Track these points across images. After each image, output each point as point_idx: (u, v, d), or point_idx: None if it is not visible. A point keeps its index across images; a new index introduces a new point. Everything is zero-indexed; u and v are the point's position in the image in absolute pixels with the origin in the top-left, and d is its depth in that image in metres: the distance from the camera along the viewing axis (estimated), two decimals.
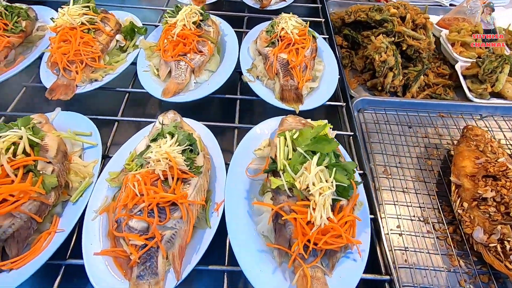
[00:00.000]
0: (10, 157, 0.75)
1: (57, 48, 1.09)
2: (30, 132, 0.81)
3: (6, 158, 0.74)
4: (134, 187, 0.74)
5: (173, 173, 0.75)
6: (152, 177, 0.76)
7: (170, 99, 1.08)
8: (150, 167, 0.77)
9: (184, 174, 0.77)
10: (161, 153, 0.77)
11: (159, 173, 0.75)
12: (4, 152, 0.74)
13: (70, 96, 1.06)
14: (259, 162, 0.94)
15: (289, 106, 1.09)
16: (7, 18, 1.21)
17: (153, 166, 0.76)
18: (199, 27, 1.21)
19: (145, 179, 0.75)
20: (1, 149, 0.73)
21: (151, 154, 0.77)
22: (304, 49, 1.15)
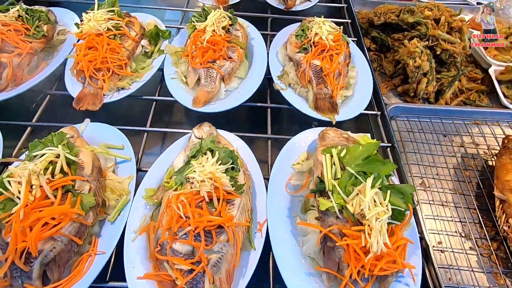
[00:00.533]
0: (49, 177, 0.72)
1: (83, 55, 1.04)
2: (67, 150, 0.77)
3: (45, 179, 0.71)
4: (179, 209, 0.70)
5: (218, 195, 0.72)
6: (196, 198, 0.73)
7: (202, 109, 1.04)
8: (194, 187, 0.73)
9: (229, 195, 0.74)
10: (205, 173, 0.74)
11: (204, 195, 0.71)
12: (43, 172, 0.70)
13: (98, 106, 1.03)
14: (298, 177, 0.91)
15: (325, 117, 1.05)
16: (28, 23, 1.17)
17: (198, 187, 0.72)
18: (228, 32, 1.16)
19: (189, 200, 0.72)
20: (40, 170, 0.70)
21: (194, 174, 0.73)
22: (338, 55, 1.10)
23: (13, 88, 1.08)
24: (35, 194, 0.69)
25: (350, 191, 0.71)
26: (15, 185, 0.69)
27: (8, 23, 1.12)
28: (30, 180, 0.70)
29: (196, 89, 1.11)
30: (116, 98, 1.06)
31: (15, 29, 1.12)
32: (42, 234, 0.67)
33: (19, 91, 1.06)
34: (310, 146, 0.98)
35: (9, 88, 1.07)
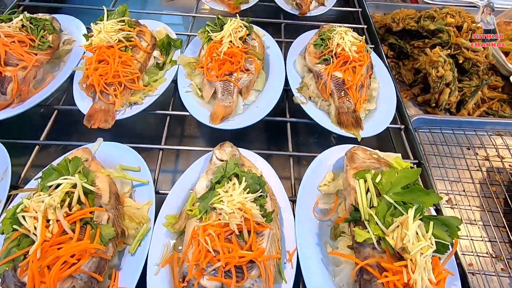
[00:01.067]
0: (67, 210, 0.66)
1: (94, 69, 0.98)
2: (83, 179, 0.72)
3: (63, 213, 0.65)
4: (207, 243, 0.66)
5: (249, 227, 0.68)
6: (225, 231, 0.68)
7: (220, 125, 0.99)
8: (223, 219, 0.69)
9: (260, 227, 0.69)
10: (234, 203, 0.69)
11: (234, 228, 0.67)
12: (59, 206, 0.65)
13: (111, 124, 0.97)
14: (325, 200, 0.87)
15: (349, 133, 1.00)
16: (32, 33, 1.10)
17: (227, 219, 0.68)
18: (244, 42, 1.11)
19: (218, 233, 0.67)
20: (57, 204, 0.64)
21: (223, 206, 0.69)
22: (361, 67, 1.05)
23: (19, 104, 1.02)
24: (52, 230, 0.64)
25: (389, 222, 0.67)
26: (31, 220, 0.64)
27: (12, 34, 1.05)
28: (46, 214, 0.64)
29: (212, 103, 1.06)
30: (129, 115, 1.01)
31: (19, 40, 1.06)
32: (62, 274, 0.62)
33: (25, 107, 1.00)
34: (335, 165, 0.93)
35: (14, 104, 1.01)
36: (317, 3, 1.47)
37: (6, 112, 0.99)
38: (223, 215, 0.69)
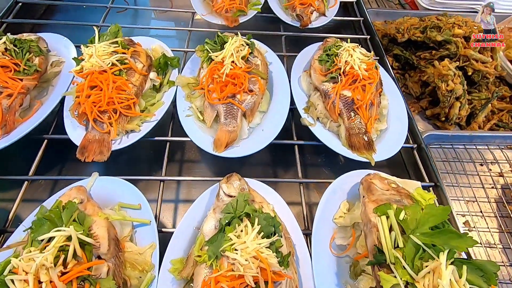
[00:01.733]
0: (61, 269, 0.59)
1: (86, 96, 0.91)
2: (79, 229, 0.65)
3: (57, 272, 0.58)
4: None
5: (266, 278, 0.61)
6: (240, 283, 0.62)
7: (225, 153, 0.92)
8: (237, 269, 0.62)
9: (277, 276, 0.63)
10: (248, 251, 0.63)
11: (250, 281, 0.60)
12: (53, 264, 0.58)
13: (106, 156, 0.90)
14: (342, 234, 0.81)
15: (361, 156, 0.95)
16: (17, 56, 1.02)
17: (241, 270, 0.61)
18: (247, 60, 1.04)
19: (231, 286, 0.61)
20: (50, 263, 0.57)
21: (236, 256, 0.62)
22: (372, 85, 1.00)
23: (4, 135, 0.94)
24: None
25: (418, 266, 0.61)
26: (21, 284, 0.56)
27: None
28: (38, 275, 0.57)
29: (214, 126, 1.00)
30: (126, 144, 0.93)
31: (2, 65, 0.97)
32: None
33: (11, 140, 0.91)
34: (349, 193, 0.88)
35: (0, 135, 0.93)
36: (318, 13, 1.42)
37: None
38: (236, 266, 0.62)
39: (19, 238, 0.73)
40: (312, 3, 1.38)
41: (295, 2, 1.38)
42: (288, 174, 1.08)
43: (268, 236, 0.67)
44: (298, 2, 1.38)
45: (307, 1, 1.38)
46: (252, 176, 0.87)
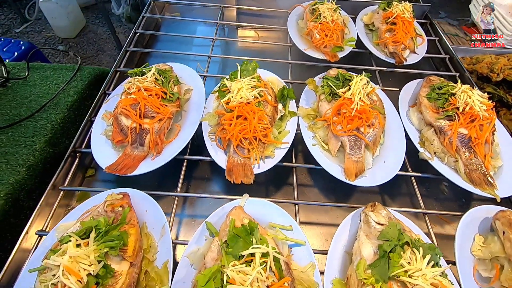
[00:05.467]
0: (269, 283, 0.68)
1: (234, 125, 1.03)
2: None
3: (267, 284, 0.67)
4: None
5: None
6: None
7: (357, 182, 1.01)
8: None
9: None
10: (426, 278, 0.69)
11: None
12: (264, 278, 0.67)
13: (251, 178, 0.99)
14: (482, 266, 0.87)
15: (485, 192, 1.01)
16: (163, 85, 1.16)
17: None
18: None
19: None
20: (262, 277, 0.66)
21: (417, 281, 0.69)
22: (489, 125, 1.07)
23: (157, 156, 1.06)
24: None
25: None
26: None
27: (150, 88, 1.11)
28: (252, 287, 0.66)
29: (338, 155, 1.09)
30: (264, 169, 1.03)
31: (155, 93, 1.11)
32: None
33: (166, 159, 1.03)
34: (479, 227, 0.94)
35: (154, 156, 1.05)
36: (408, 51, 1.52)
37: (149, 165, 1.03)
38: None
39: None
40: (403, 41, 1.49)
41: (388, 40, 1.49)
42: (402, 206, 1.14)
43: (436, 266, 0.74)
44: (391, 40, 1.49)
45: (399, 39, 1.48)
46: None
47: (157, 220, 0.90)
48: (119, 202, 0.87)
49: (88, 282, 0.67)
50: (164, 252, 0.84)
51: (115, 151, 1.08)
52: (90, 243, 0.72)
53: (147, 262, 0.82)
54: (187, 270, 0.82)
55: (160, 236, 0.87)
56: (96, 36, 4.20)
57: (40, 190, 1.13)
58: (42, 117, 1.32)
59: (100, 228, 0.76)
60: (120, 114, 1.07)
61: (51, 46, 3.92)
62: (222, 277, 0.69)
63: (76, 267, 0.67)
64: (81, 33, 4.21)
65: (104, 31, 4.27)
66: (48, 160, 1.22)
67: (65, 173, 1.09)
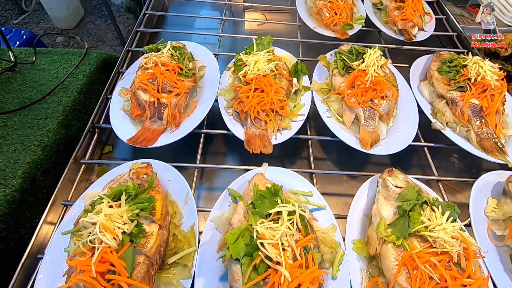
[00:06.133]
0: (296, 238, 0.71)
1: (252, 98, 1.04)
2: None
3: (295, 239, 0.70)
4: (429, 270, 0.69)
5: (468, 255, 0.71)
6: (439, 259, 0.71)
7: (373, 151, 1.03)
8: (440, 246, 0.72)
9: (475, 256, 0.73)
10: (447, 231, 0.72)
11: (455, 256, 0.70)
12: (293, 233, 0.69)
13: (269, 149, 1.01)
14: (496, 226, 0.90)
15: (497, 159, 1.04)
16: (179, 61, 1.17)
17: (447, 247, 0.71)
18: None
19: (438, 260, 0.70)
20: (291, 232, 0.69)
21: (438, 234, 0.72)
22: (500, 95, 1.09)
23: (175, 129, 1.08)
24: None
25: None
26: (270, 248, 0.68)
27: (167, 63, 1.12)
28: (282, 241, 0.69)
29: (352, 127, 1.11)
30: (282, 140, 1.06)
31: (172, 69, 1.13)
32: None
33: (184, 132, 1.05)
34: (492, 191, 0.97)
35: (173, 129, 1.07)
36: (417, 28, 1.53)
37: (168, 138, 1.04)
38: (438, 243, 0.72)
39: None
40: (412, 18, 1.50)
41: (397, 17, 1.50)
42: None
43: (454, 221, 0.77)
44: (399, 17, 1.50)
45: (408, 17, 1.50)
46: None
47: (180, 188, 0.92)
48: (143, 170, 0.89)
49: (123, 240, 0.70)
50: (189, 217, 0.87)
51: (134, 125, 1.09)
52: (122, 204, 0.74)
53: (174, 226, 0.85)
54: (212, 233, 0.84)
55: (185, 203, 0.89)
56: (95, 27, 4.16)
57: (55, 170, 1.15)
58: (53, 100, 1.33)
59: (130, 192, 0.78)
60: (138, 89, 1.09)
61: (50, 37, 3.89)
62: (251, 234, 0.71)
63: (111, 225, 0.69)
64: (80, 24, 4.16)
65: (103, 22, 4.23)
66: (61, 142, 1.23)
67: (85, 148, 1.11)
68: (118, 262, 0.66)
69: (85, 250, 0.68)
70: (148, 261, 0.72)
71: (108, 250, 0.67)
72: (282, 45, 1.37)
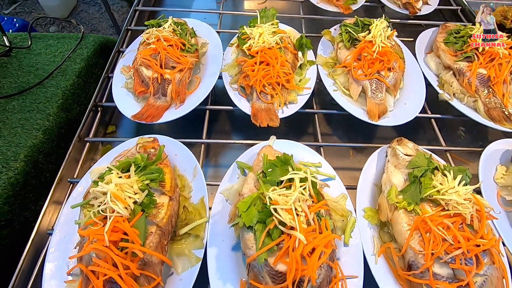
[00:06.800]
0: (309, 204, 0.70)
1: (257, 71, 1.02)
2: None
3: (308, 204, 0.69)
4: (443, 232, 0.69)
5: (481, 216, 0.71)
6: (453, 221, 0.71)
7: (381, 122, 1.02)
8: (453, 209, 0.72)
9: (487, 217, 0.73)
10: (460, 194, 0.72)
11: (468, 217, 0.70)
12: (306, 198, 0.69)
13: (277, 122, 1.00)
14: (505, 192, 0.90)
15: (504, 127, 1.03)
16: (181, 36, 1.14)
17: (460, 209, 0.71)
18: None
19: (452, 222, 0.70)
20: (304, 198, 0.68)
21: (451, 197, 0.72)
22: (508, 64, 1.08)
23: (180, 105, 1.06)
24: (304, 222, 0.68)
25: None
26: (283, 213, 0.67)
27: (169, 38, 1.09)
28: (295, 206, 0.68)
29: (359, 100, 1.10)
30: (288, 114, 1.04)
31: (174, 44, 1.10)
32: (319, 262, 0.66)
33: (189, 108, 1.03)
34: (501, 159, 0.97)
35: (178, 105, 1.05)
36: (421, 2, 1.51)
37: (173, 114, 1.03)
38: (451, 206, 0.72)
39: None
40: None
41: None
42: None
43: (466, 185, 0.77)
44: None
45: None
46: None
47: (188, 162, 0.91)
48: (150, 145, 0.88)
49: (134, 210, 0.69)
50: (199, 190, 0.86)
51: (137, 102, 1.07)
52: (132, 175, 0.73)
53: (184, 199, 0.84)
54: (222, 205, 0.84)
55: (193, 177, 0.89)
56: (88, 16, 4.07)
57: (57, 154, 1.14)
58: (51, 84, 1.30)
59: (139, 163, 0.77)
60: (141, 65, 1.06)
61: (43, 27, 3.80)
62: (264, 201, 0.71)
63: (122, 195, 0.68)
64: (73, 13, 4.07)
65: (96, 10, 4.14)
66: (62, 125, 1.21)
67: (89, 127, 1.09)
68: (131, 230, 0.65)
69: (96, 220, 0.67)
70: (160, 231, 0.72)
71: (120, 219, 0.66)
72: (284, 22, 1.34)
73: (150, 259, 0.69)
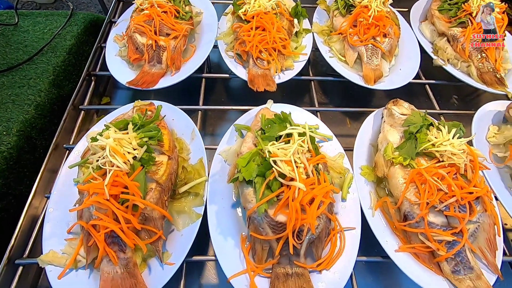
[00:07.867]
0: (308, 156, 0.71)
1: (253, 36, 1.01)
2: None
3: (306, 157, 0.70)
4: (438, 182, 0.71)
5: (474, 166, 0.73)
6: (448, 171, 0.73)
7: (377, 86, 1.03)
8: (448, 160, 0.74)
9: (481, 168, 0.75)
10: (454, 145, 0.74)
11: (463, 167, 0.72)
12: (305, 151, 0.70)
13: (274, 87, 1.00)
14: (496, 150, 0.92)
15: (497, 90, 1.05)
16: (175, 3, 1.12)
17: (454, 160, 0.73)
18: None
19: (446, 172, 0.72)
20: (303, 150, 0.69)
21: (446, 147, 0.73)
22: (501, 27, 1.09)
23: (176, 72, 1.05)
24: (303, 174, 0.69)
25: None
26: (283, 165, 0.68)
27: (163, 4, 1.07)
28: (294, 158, 0.69)
29: (354, 66, 1.10)
30: (285, 79, 1.04)
31: (168, 11, 1.08)
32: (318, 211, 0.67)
33: (184, 75, 1.02)
34: (493, 119, 0.99)
35: (173, 73, 1.04)
36: None
37: (169, 80, 1.02)
38: (445, 156, 0.74)
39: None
40: None
41: None
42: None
43: (460, 138, 0.79)
44: None
45: None
46: None
47: (185, 126, 0.91)
48: (147, 107, 0.87)
49: (134, 165, 0.69)
50: (197, 151, 0.86)
51: (132, 70, 1.06)
52: (130, 132, 0.73)
53: (182, 160, 0.84)
54: (221, 165, 0.84)
55: (191, 140, 0.89)
56: (76, 1, 3.95)
57: (50, 130, 1.12)
58: (41, 60, 1.27)
59: (136, 122, 0.76)
60: (135, 31, 1.04)
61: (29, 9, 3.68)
62: (263, 155, 0.71)
63: (121, 150, 0.68)
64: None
65: None
66: (55, 101, 1.19)
67: (83, 96, 1.07)
68: (131, 183, 0.65)
69: (96, 175, 0.67)
70: (160, 188, 0.72)
71: (120, 173, 0.66)
72: None
73: (151, 214, 0.69)
